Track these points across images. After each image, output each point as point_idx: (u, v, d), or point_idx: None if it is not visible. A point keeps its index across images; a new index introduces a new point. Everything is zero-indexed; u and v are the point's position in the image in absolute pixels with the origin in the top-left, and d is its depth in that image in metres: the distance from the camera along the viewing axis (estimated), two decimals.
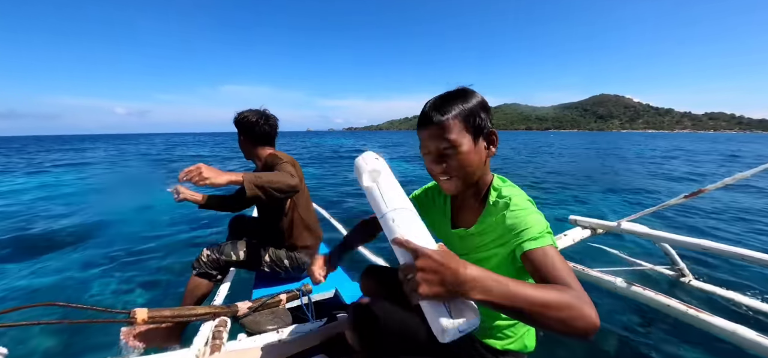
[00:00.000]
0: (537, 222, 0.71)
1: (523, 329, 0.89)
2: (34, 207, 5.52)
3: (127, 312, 1.15)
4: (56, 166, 12.36)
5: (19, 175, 9.89)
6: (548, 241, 0.68)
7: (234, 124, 1.83)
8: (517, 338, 0.88)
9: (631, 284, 1.31)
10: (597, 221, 2.05)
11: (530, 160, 14.79)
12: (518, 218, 0.73)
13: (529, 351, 0.92)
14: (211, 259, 1.73)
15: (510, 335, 0.88)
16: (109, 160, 15.63)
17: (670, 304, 1.14)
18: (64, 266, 3.08)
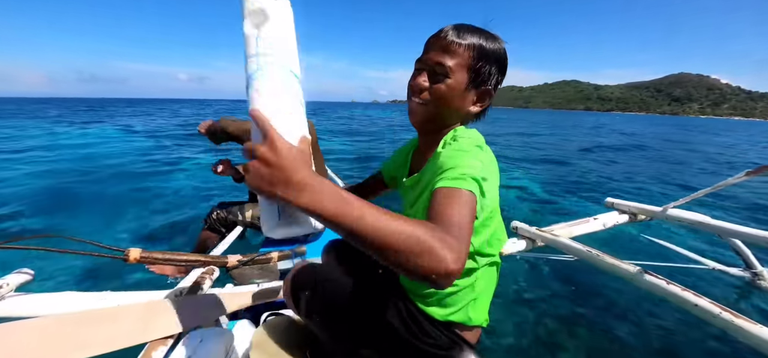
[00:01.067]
0: (465, 164, 0.59)
1: (467, 299, 0.78)
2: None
3: (122, 250, 1.26)
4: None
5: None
6: (465, 185, 0.55)
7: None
8: (460, 309, 0.78)
9: (671, 284, 1.06)
10: (638, 206, 1.74)
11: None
12: (449, 157, 0.62)
13: (476, 324, 0.80)
14: (219, 217, 1.84)
15: (450, 304, 0.78)
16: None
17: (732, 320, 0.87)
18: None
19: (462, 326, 0.79)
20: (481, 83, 0.74)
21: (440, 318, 0.78)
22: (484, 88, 0.74)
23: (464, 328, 0.80)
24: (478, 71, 0.72)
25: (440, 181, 0.57)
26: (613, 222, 1.72)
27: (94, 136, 11.08)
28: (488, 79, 0.74)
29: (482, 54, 0.71)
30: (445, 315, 0.78)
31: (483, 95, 0.75)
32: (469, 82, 0.72)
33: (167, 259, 1.35)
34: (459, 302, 0.78)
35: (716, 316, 0.87)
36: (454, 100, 0.73)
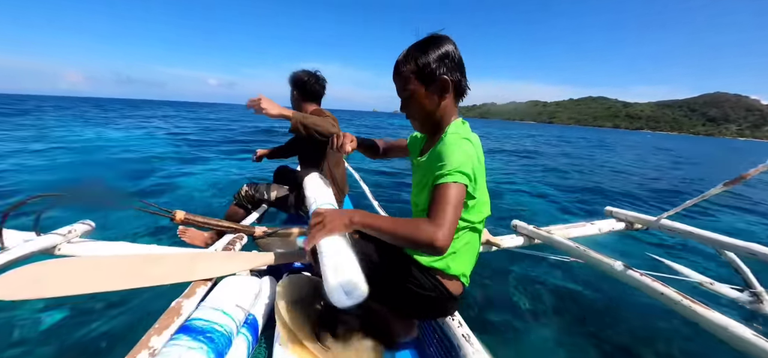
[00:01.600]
0: (453, 159, 0.79)
1: (447, 252, 0.96)
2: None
3: (170, 211, 1.48)
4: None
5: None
6: (453, 178, 0.77)
7: (288, 81, 2.09)
8: (441, 259, 0.96)
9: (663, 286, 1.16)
10: (634, 214, 1.84)
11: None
12: (442, 152, 0.83)
13: (454, 275, 0.97)
14: (248, 194, 2.05)
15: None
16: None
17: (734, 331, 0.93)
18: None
19: (443, 274, 0.96)
20: (433, 79, 0.91)
21: (426, 264, 0.96)
22: (439, 81, 0.91)
23: (445, 276, 0.96)
24: (425, 74, 0.91)
25: (436, 178, 0.79)
26: (609, 228, 1.83)
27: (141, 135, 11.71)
28: (436, 73, 0.90)
29: (424, 64, 0.90)
30: (429, 262, 0.96)
31: (442, 85, 0.92)
32: (425, 86, 0.93)
33: (206, 222, 1.57)
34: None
35: (677, 303, 1.00)
36: (426, 105, 0.95)
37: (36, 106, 26.60)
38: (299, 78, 2.00)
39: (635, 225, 1.85)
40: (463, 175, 0.79)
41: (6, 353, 1.51)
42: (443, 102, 0.94)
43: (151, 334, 0.87)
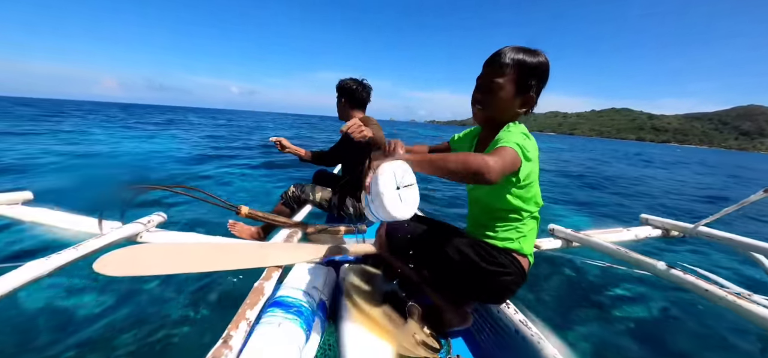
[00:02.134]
0: (512, 137, 0.89)
1: (517, 235, 1.06)
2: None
3: (235, 206, 1.62)
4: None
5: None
6: (512, 146, 0.85)
7: (337, 89, 2.21)
8: (514, 240, 1.05)
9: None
10: (670, 222, 1.88)
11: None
12: (502, 134, 0.93)
13: (525, 253, 1.07)
14: (294, 194, 2.18)
15: (507, 238, 1.05)
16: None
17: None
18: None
19: (518, 252, 1.05)
20: (525, 92, 0.99)
21: (501, 246, 1.05)
22: (527, 96, 1.00)
23: (519, 254, 1.06)
24: (522, 83, 0.97)
25: (496, 144, 0.89)
26: (646, 234, 1.87)
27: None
28: (531, 89, 0.98)
29: (527, 70, 0.96)
30: (504, 244, 1.05)
31: (527, 101, 1.01)
32: (516, 92, 0.98)
33: (266, 217, 1.70)
34: (513, 237, 1.05)
35: (721, 299, 1.06)
36: (504, 105, 1.00)
37: (90, 110, 28.14)
38: (348, 86, 2.13)
39: (672, 232, 1.88)
40: (520, 148, 0.86)
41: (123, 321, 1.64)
42: (517, 110, 1.02)
43: (245, 308, 1.00)
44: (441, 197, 5.22)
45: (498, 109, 1.01)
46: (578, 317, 1.88)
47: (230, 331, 0.89)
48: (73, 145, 8.09)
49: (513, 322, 1.08)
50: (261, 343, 0.85)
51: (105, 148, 7.96)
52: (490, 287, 1.08)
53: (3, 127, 10.92)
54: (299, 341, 0.91)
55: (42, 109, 25.73)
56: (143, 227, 1.53)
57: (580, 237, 1.72)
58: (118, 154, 7.39)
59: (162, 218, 1.67)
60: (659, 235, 1.90)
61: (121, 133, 11.96)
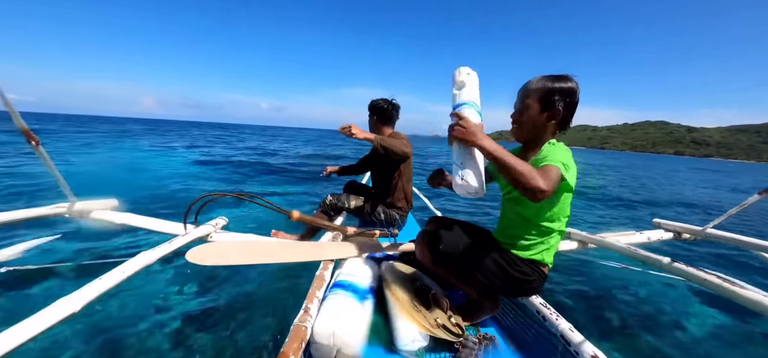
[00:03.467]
0: (557, 155, 1.07)
1: (542, 248, 1.23)
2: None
3: (288, 211, 1.89)
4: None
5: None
6: (555, 162, 1.02)
7: (369, 108, 2.49)
8: (538, 252, 1.23)
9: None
10: (682, 225, 2.01)
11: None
12: (546, 152, 1.13)
13: (547, 264, 1.25)
14: (331, 203, 2.44)
15: (531, 248, 1.23)
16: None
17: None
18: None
19: (541, 263, 1.24)
20: (550, 106, 1.15)
21: (525, 257, 1.23)
22: (553, 110, 1.17)
23: (542, 264, 1.25)
24: (546, 99, 1.14)
25: (543, 162, 1.04)
26: (658, 237, 2.02)
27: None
28: (555, 103, 1.13)
29: (549, 90, 1.13)
30: (528, 255, 1.23)
31: (554, 114, 1.18)
32: (541, 108, 1.17)
33: (315, 221, 1.96)
34: (537, 249, 1.23)
35: (718, 286, 1.22)
36: (533, 120, 1.19)
37: (148, 129, 30.06)
38: (378, 105, 2.40)
39: (683, 235, 2.02)
40: (565, 166, 1.02)
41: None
42: (549, 127, 1.19)
43: (314, 289, 1.24)
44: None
45: (528, 123, 1.21)
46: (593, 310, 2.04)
47: (307, 304, 1.13)
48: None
49: (534, 305, 1.28)
50: (331, 310, 1.09)
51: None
52: (517, 289, 1.28)
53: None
54: (357, 309, 1.14)
55: (114, 124, 27.65)
56: (212, 228, 1.81)
57: (595, 239, 1.89)
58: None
59: (225, 221, 1.95)
60: (671, 237, 2.04)
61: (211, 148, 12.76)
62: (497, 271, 1.25)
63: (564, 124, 1.19)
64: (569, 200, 1.20)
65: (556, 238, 1.25)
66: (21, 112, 1.24)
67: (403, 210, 2.50)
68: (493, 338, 1.28)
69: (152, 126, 38.70)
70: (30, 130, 1.31)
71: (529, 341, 1.29)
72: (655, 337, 1.82)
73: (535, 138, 1.22)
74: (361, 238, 2.04)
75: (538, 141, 1.21)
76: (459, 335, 1.25)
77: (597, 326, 1.86)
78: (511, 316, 1.42)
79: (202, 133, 28.15)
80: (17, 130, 1.33)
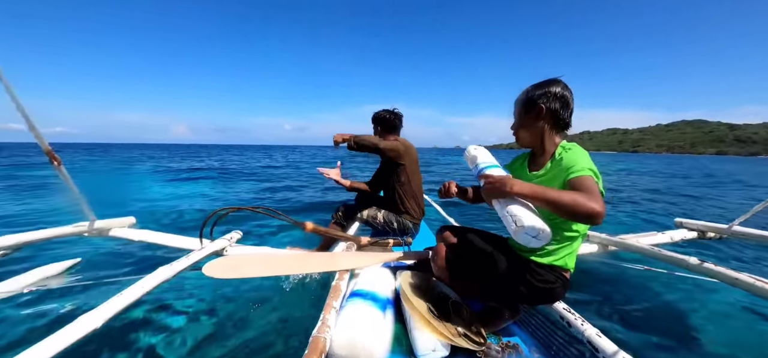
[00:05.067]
0: (581, 161, 1.05)
1: (564, 253, 1.19)
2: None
3: (302, 222, 1.89)
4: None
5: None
6: (586, 172, 1.00)
7: (372, 120, 2.51)
8: (559, 258, 1.20)
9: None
10: (705, 224, 1.95)
11: None
12: (570, 159, 1.09)
13: (569, 269, 1.21)
14: (344, 213, 2.44)
15: (552, 254, 1.19)
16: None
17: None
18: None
19: (563, 268, 1.21)
20: (533, 107, 1.20)
21: (546, 263, 1.20)
22: (536, 108, 1.19)
23: (564, 269, 1.21)
24: (528, 103, 1.21)
25: (574, 174, 1.02)
26: (681, 237, 1.95)
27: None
28: (535, 103, 1.18)
29: (528, 94, 1.20)
30: (549, 261, 1.20)
31: (538, 112, 1.20)
32: (526, 112, 1.23)
33: (329, 232, 1.96)
34: (560, 254, 1.19)
35: (751, 285, 1.16)
36: (525, 125, 1.24)
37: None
38: (380, 116, 2.42)
39: (708, 234, 1.95)
40: (593, 172, 1.01)
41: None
42: (540, 125, 1.21)
43: (331, 299, 1.22)
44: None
45: (522, 130, 1.26)
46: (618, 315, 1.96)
47: (324, 315, 1.11)
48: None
49: (557, 310, 1.24)
50: (349, 320, 1.08)
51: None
52: (540, 297, 1.25)
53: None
54: (376, 319, 1.13)
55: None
56: (227, 242, 1.83)
57: (615, 241, 1.84)
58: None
59: (239, 235, 1.96)
60: (695, 237, 1.97)
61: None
62: (518, 281, 1.21)
63: (557, 119, 1.19)
64: None
65: (579, 242, 1.22)
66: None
67: (415, 218, 2.48)
68: (517, 346, 1.25)
69: (183, 151, 40.01)
70: (52, 151, 1.35)
71: (554, 349, 1.25)
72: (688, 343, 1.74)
73: (535, 142, 1.26)
74: (376, 247, 2.02)
75: (541, 144, 1.23)
76: (481, 343, 1.22)
77: (624, 331, 1.79)
78: (534, 322, 1.38)
79: (227, 154, 28.78)
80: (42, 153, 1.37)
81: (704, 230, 1.96)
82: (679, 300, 2.09)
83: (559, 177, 1.09)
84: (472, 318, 1.34)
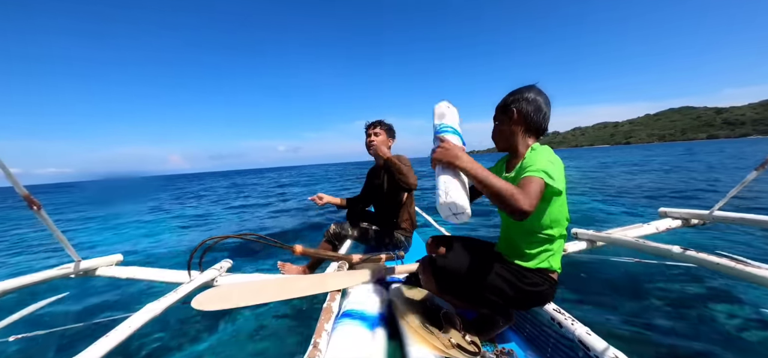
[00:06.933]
0: (538, 162, 1.07)
1: (547, 255, 1.21)
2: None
3: (291, 246, 1.88)
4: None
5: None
6: (537, 173, 1.03)
7: (378, 123, 2.52)
8: (543, 260, 1.21)
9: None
10: (688, 211, 1.99)
11: None
12: (530, 159, 1.13)
13: (555, 270, 1.22)
14: (335, 231, 2.43)
15: (536, 256, 1.21)
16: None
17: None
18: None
19: (549, 270, 1.22)
20: (507, 113, 1.25)
21: (532, 267, 1.21)
22: (508, 115, 1.25)
23: (549, 271, 1.22)
24: (503, 109, 1.27)
25: (526, 172, 1.05)
26: (666, 227, 1.99)
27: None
28: (508, 108, 1.24)
29: (504, 101, 1.27)
30: (535, 265, 1.21)
31: (510, 116, 1.25)
32: (501, 118, 1.29)
33: (318, 253, 1.95)
34: (543, 257, 1.21)
35: (732, 268, 1.19)
36: (501, 132, 1.29)
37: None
38: (387, 124, 2.43)
39: (692, 221, 1.99)
40: (545, 174, 1.02)
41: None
42: (513, 128, 1.25)
43: (322, 322, 1.21)
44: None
45: (498, 135, 1.32)
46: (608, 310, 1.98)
47: (316, 339, 1.10)
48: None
49: (548, 311, 1.25)
50: (341, 343, 1.07)
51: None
52: (529, 301, 1.25)
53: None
54: (368, 339, 1.12)
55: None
56: (217, 272, 1.80)
57: (602, 236, 1.86)
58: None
59: (229, 264, 1.94)
60: (679, 225, 2.01)
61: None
62: (506, 286, 1.22)
63: (529, 123, 1.23)
64: (563, 201, 1.20)
65: (559, 243, 1.24)
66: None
67: (407, 231, 2.49)
68: (512, 351, 1.25)
69: (173, 182, 39.41)
70: (31, 196, 1.33)
71: (549, 351, 1.25)
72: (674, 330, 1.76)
73: (510, 147, 1.30)
74: (368, 264, 2.02)
75: (516, 148, 1.27)
76: (476, 353, 1.22)
77: (614, 326, 1.80)
78: (528, 326, 1.38)
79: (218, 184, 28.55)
80: None
81: (688, 217, 2.00)
82: (666, 289, 2.12)
83: (519, 176, 1.11)
84: (465, 328, 1.34)
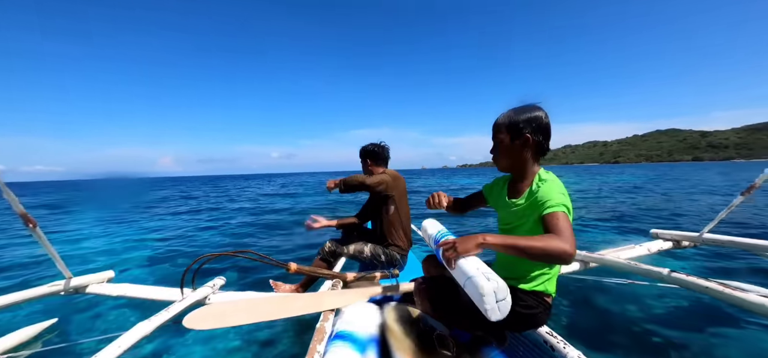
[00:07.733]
0: (555, 196, 1.07)
1: (544, 278, 1.22)
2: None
3: (285, 264, 1.88)
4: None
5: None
6: (560, 209, 1.03)
7: (360, 155, 2.59)
8: (540, 283, 1.22)
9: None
10: (679, 233, 2.02)
11: None
12: (545, 193, 1.11)
13: (550, 293, 1.23)
14: (330, 249, 2.43)
15: (534, 279, 1.22)
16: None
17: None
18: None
19: (544, 293, 1.23)
20: (518, 135, 1.21)
21: (527, 289, 1.22)
22: (522, 137, 1.22)
23: (545, 294, 1.23)
24: (513, 130, 1.24)
25: (548, 209, 1.04)
26: (657, 248, 2.01)
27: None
28: (521, 131, 1.20)
29: (513, 120, 1.21)
30: (531, 287, 1.22)
31: (524, 141, 1.23)
32: (511, 138, 1.25)
33: (313, 271, 1.95)
34: (540, 280, 1.22)
35: (720, 293, 1.21)
36: (509, 153, 1.26)
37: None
38: (368, 149, 2.49)
39: (682, 243, 2.02)
40: (566, 207, 1.04)
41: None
42: (524, 154, 1.24)
43: (315, 343, 1.21)
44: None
45: (504, 155, 1.27)
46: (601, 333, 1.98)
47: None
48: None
49: (541, 334, 1.25)
50: None
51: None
52: (522, 323, 1.26)
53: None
54: None
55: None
56: (210, 289, 1.79)
57: (595, 257, 1.88)
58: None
59: (222, 281, 1.93)
60: (671, 247, 2.03)
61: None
62: None
63: (540, 149, 1.23)
64: None
65: (557, 268, 1.25)
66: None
67: (403, 249, 2.50)
68: None
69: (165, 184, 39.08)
70: (27, 214, 1.34)
71: None
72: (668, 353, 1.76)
73: (516, 167, 1.27)
74: (362, 282, 2.01)
75: (522, 170, 1.25)
76: None
77: (607, 349, 1.80)
78: (521, 349, 1.38)
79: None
80: None
81: (679, 239, 2.03)
82: (656, 311, 2.13)
83: (534, 209, 1.12)
84: (458, 350, 1.33)
